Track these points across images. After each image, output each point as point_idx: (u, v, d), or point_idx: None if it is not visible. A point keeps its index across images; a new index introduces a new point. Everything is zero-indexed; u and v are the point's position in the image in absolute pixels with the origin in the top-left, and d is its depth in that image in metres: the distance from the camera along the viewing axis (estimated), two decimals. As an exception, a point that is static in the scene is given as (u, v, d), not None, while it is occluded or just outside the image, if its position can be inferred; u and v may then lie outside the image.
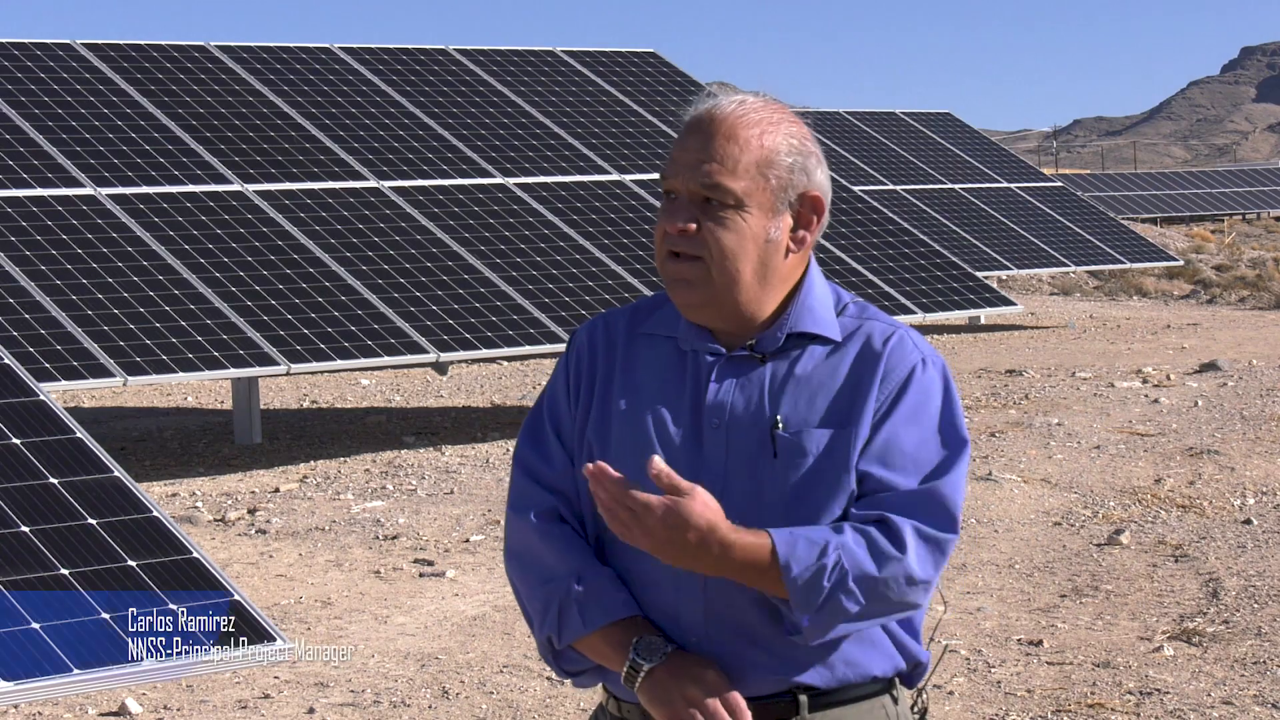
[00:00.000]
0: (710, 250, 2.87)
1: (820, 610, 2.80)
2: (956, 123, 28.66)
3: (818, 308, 2.94)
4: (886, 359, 2.90)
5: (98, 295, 12.13)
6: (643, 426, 2.93)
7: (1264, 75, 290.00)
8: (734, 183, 2.86)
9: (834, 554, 2.78)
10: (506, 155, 15.73)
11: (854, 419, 2.87)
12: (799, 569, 2.78)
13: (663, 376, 2.95)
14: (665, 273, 2.92)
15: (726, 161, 2.86)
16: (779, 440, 2.87)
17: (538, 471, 2.98)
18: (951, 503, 2.86)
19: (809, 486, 2.86)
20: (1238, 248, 37.02)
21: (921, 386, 2.90)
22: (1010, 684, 7.06)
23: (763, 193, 2.88)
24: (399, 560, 9.32)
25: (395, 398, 16.07)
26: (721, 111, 2.90)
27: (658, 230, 2.94)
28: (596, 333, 3.03)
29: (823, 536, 2.79)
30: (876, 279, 15.55)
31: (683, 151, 2.90)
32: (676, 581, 2.88)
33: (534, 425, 3.02)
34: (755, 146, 2.88)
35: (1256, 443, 12.28)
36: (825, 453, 2.86)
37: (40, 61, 14.87)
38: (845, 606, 2.80)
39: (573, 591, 2.88)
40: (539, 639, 2.95)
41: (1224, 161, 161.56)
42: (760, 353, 2.92)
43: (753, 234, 2.88)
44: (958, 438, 2.90)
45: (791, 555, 2.78)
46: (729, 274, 2.88)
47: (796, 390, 2.90)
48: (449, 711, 6.82)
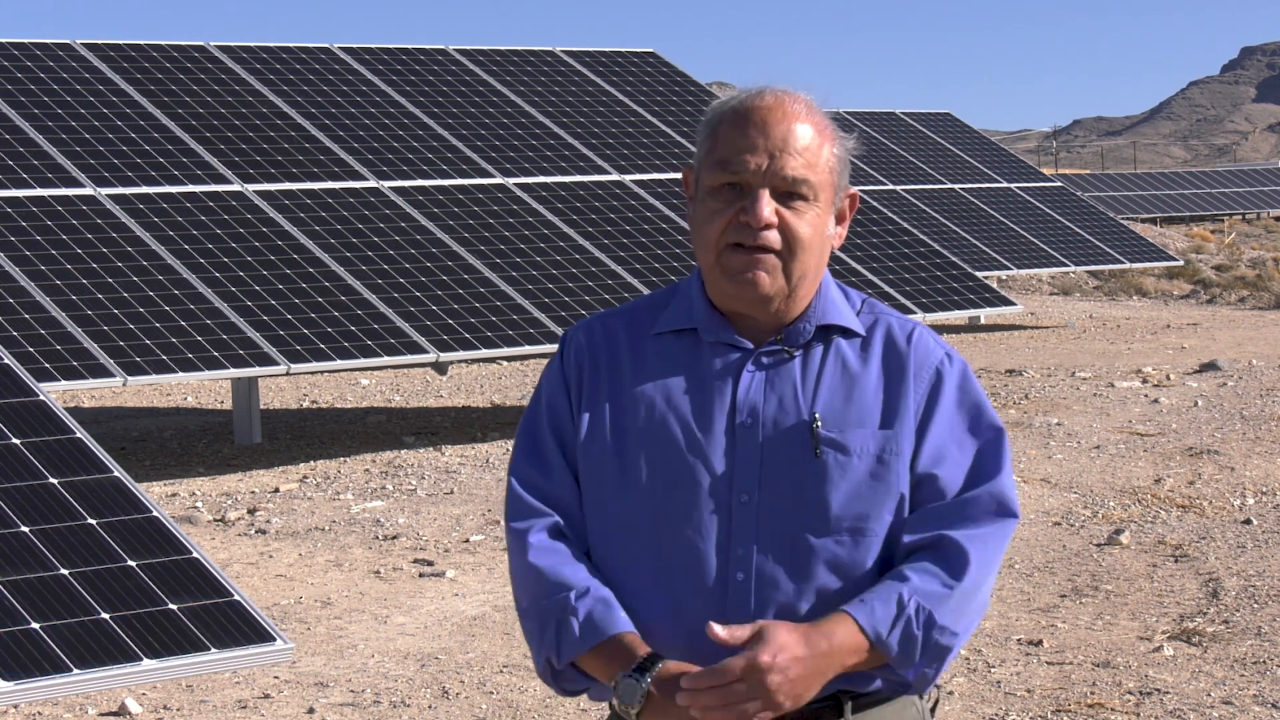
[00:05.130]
0: (789, 243, 2.83)
1: (922, 658, 2.79)
2: (956, 123, 28.66)
3: (838, 301, 2.93)
4: (914, 355, 2.90)
5: (98, 295, 12.13)
6: (669, 430, 2.86)
7: (1264, 75, 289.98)
8: (816, 177, 2.85)
9: (911, 602, 2.77)
10: (506, 155, 15.73)
11: (895, 419, 2.85)
12: (887, 632, 2.76)
13: (684, 375, 2.89)
14: (730, 265, 2.84)
15: (805, 155, 2.84)
16: (821, 438, 2.83)
17: (537, 485, 2.91)
18: (1006, 496, 2.86)
19: (855, 489, 2.82)
20: (1238, 248, 37.01)
21: (953, 385, 2.90)
22: (1010, 684, 7.06)
23: (829, 189, 2.88)
24: (399, 560, 9.32)
25: (395, 398, 16.07)
26: (790, 104, 2.86)
27: (715, 222, 2.84)
28: (594, 336, 2.95)
29: (892, 590, 2.78)
30: (876, 279, 15.55)
31: (748, 141, 2.83)
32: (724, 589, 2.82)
33: (530, 436, 2.94)
34: (821, 142, 2.86)
35: (1256, 443, 12.28)
36: (870, 454, 2.83)
37: (40, 61, 14.87)
38: (943, 644, 2.79)
39: (569, 609, 2.82)
40: (538, 661, 2.88)
41: (1224, 161, 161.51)
42: (789, 347, 2.89)
43: (822, 228, 2.87)
44: (994, 428, 2.90)
45: (874, 622, 2.76)
46: (804, 268, 2.86)
47: (831, 388, 2.86)
48: (449, 711, 6.82)
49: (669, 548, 2.84)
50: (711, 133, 2.88)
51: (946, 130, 28.20)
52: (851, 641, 2.75)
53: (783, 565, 2.81)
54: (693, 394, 2.87)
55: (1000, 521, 2.85)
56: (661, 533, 2.84)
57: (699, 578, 2.82)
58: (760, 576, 2.81)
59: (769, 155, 2.82)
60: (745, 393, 2.85)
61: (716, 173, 2.85)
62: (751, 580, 2.81)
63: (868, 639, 2.76)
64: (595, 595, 2.83)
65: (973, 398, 2.91)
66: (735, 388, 2.86)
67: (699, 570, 2.82)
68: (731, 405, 2.85)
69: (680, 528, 2.83)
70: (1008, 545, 2.88)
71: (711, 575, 2.82)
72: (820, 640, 2.73)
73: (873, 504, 2.82)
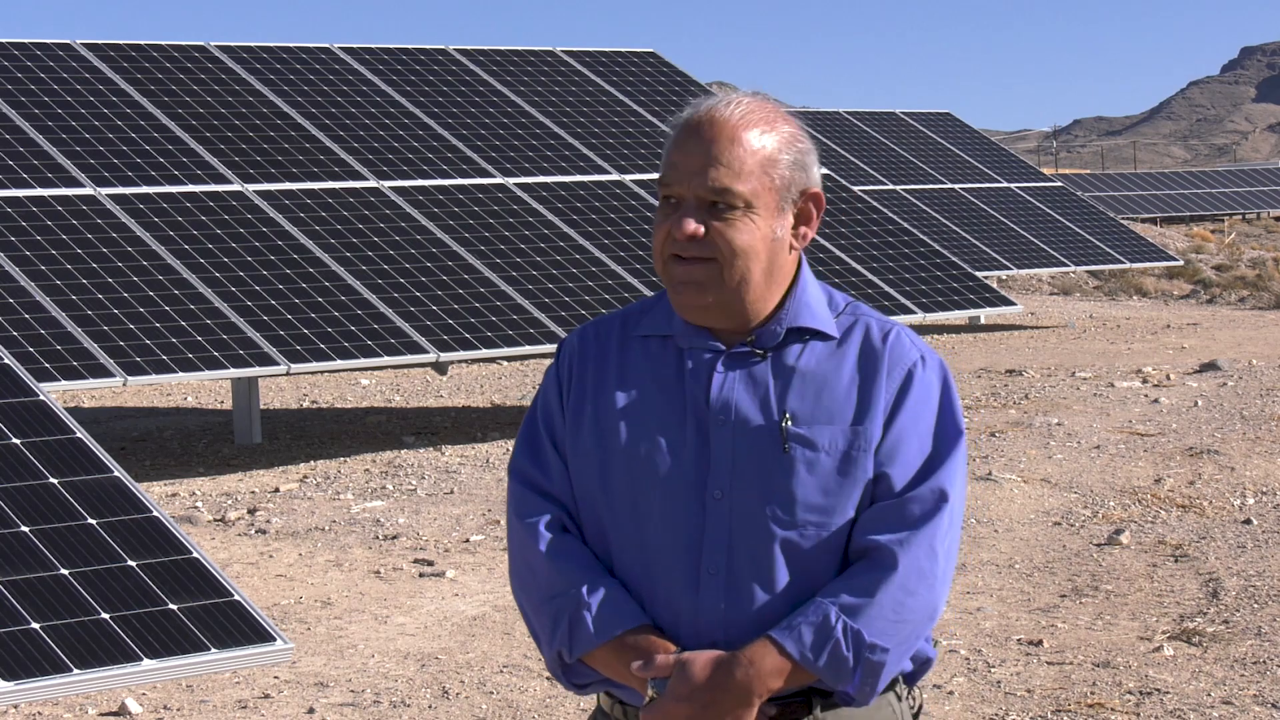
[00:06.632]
0: (722, 252, 2.88)
1: (855, 674, 2.83)
2: (956, 123, 28.66)
3: (813, 303, 2.97)
4: (889, 355, 2.93)
5: (98, 295, 12.13)
6: (644, 430, 2.92)
7: (1264, 75, 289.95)
8: (741, 185, 2.88)
9: (839, 622, 2.81)
10: (506, 155, 15.73)
11: (865, 416, 2.89)
12: (814, 655, 2.81)
13: (661, 377, 2.95)
14: (670, 275, 2.92)
15: (732, 164, 2.88)
16: (789, 435, 2.87)
17: (536, 482, 2.97)
18: (944, 487, 2.88)
19: (823, 484, 2.87)
20: (1238, 248, 37.01)
21: (923, 384, 2.93)
22: (1010, 684, 7.06)
23: (768, 193, 2.90)
24: (399, 560, 9.32)
25: (395, 398, 16.06)
26: (720, 114, 2.90)
27: (658, 234, 2.93)
28: (587, 339, 3.02)
29: (820, 610, 2.82)
30: (876, 279, 15.55)
31: (683, 156, 2.90)
32: (696, 584, 2.88)
33: (529, 435, 3.01)
34: (757, 147, 2.89)
35: (1256, 443, 12.28)
36: (839, 449, 2.88)
37: (40, 61, 14.87)
38: (876, 660, 2.83)
39: (583, 603, 2.87)
40: (548, 654, 2.93)
41: (1224, 161, 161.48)
42: (761, 348, 2.93)
43: (761, 234, 2.90)
44: (954, 429, 2.93)
45: (800, 647, 2.81)
46: (741, 274, 2.89)
47: (802, 385, 2.91)
48: (449, 711, 6.82)
49: (645, 546, 2.90)
50: (666, 146, 2.96)
51: (946, 130, 28.20)
52: (774, 665, 2.81)
53: (753, 561, 2.87)
54: (668, 394, 2.94)
55: (937, 515, 2.87)
56: (638, 531, 2.91)
57: (673, 575, 2.88)
58: (731, 572, 2.87)
59: (696, 168, 2.88)
60: (718, 392, 2.91)
61: (661, 186, 2.94)
62: (722, 576, 2.87)
63: (792, 662, 2.81)
64: (608, 589, 2.89)
65: (941, 399, 2.94)
66: (708, 388, 2.92)
67: (673, 567, 2.88)
68: (705, 405, 2.91)
69: (655, 526, 2.90)
70: (953, 532, 2.90)
71: (685, 572, 2.88)
72: (735, 670, 2.80)
73: (840, 499, 2.87)
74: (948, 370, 2.98)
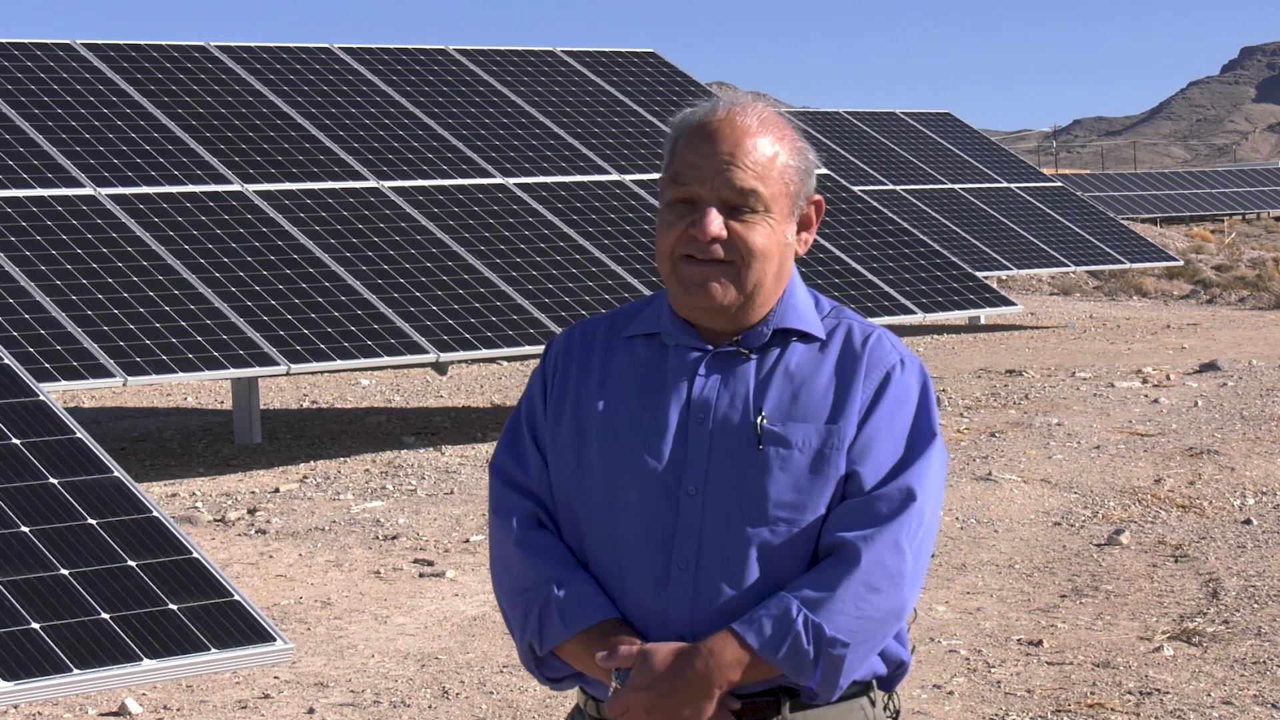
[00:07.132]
0: (740, 254, 2.91)
1: (817, 670, 2.85)
2: (956, 123, 28.66)
3: (800, 306, 3.00)
4: (868, 357, 2.96)
5: (98, 295, 12.13)
6: (623, 427, 2.95)
7: (1264, 75, 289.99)
8: (765, 188, 2.91)
9: (800, 616, 2.83)
10: (506, 155, 15.73)
11: (840, 415, 2.92)
12: (774, 648, 2.83)
13: (645, 375, 2.98)
14: (684, 276, 2.93)
15: (755, 167, 2.91)
16: (765, 433, 2.90)
17: (515, 478, 3.01)
18: (912, 486, 2.90)
19: (795, 481, 2.89)
20: (1238, 248, 37.02)
21: (901, 386, 2.95)
22: (1010, 684, 7.06)
23: (784, 198, 2.94)
24: (399, 560, 9.32)
25: (395, 398, 16.07)
26: (739, 118, 2.93)
27: (669, 234, 2.94)
28: (573, 339, 3.06)
29: (782, 604, 2.84)
30: (876, 279, 15.55)
31: (702, 157, 2.91)
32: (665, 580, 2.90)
33: (512, 432, 3.05)
34: (774, 152, 2.93)
35: (1256, 443, 12.28)
36: (812, 448, 2.90)
37: (40, 61, 14.87)
38: (837, 655, 2.84)
39: (552, 597, 2.91)
40: (520, 646, 2.97)
41: (1224, 161, 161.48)
42: (747, 348, 2.96)
43: (777, 238, 2.94)
44: (929, 432, 2.95)
45: (760, 640, 2.83)
46: (757, 277, 2.93)
47: (782, 386, 2.94)
48: (449, 711, 6.82)
49: (619, 541, 2.94)
50: (672, 147, 2.97)
51: (946, 130, 28.20)
52: (734, 657, 2.83)
53: (724, 556, 2.89)
54: (650, 393, 2.97)
55: (904, 514, 2.89)
56: (612, 527, 2.94)
57: (644, 569, 2.91)
58: (700, 568, 2.90)
59: (718, 170, 2.90)
60: (700, 391, 2.94)
61: (672, 187, 2.95)
62: (692, 571, 2.90)
63: (751, 654, 2.83)
64: (579, 583, 2.93)
65: (918, 402, 2.96)
66: (691, 387, 2.95)
67: (644, 562, 2.91)
68: (686, 403, 2.94)
69: (630, 521, 2.93)
70: (925, 533, 2.91)
71: (656, 567, 2.91)
72: (695, 660, 2.83)
73: (812, 496, 2.89)
74: (928, 375, 3.01)
